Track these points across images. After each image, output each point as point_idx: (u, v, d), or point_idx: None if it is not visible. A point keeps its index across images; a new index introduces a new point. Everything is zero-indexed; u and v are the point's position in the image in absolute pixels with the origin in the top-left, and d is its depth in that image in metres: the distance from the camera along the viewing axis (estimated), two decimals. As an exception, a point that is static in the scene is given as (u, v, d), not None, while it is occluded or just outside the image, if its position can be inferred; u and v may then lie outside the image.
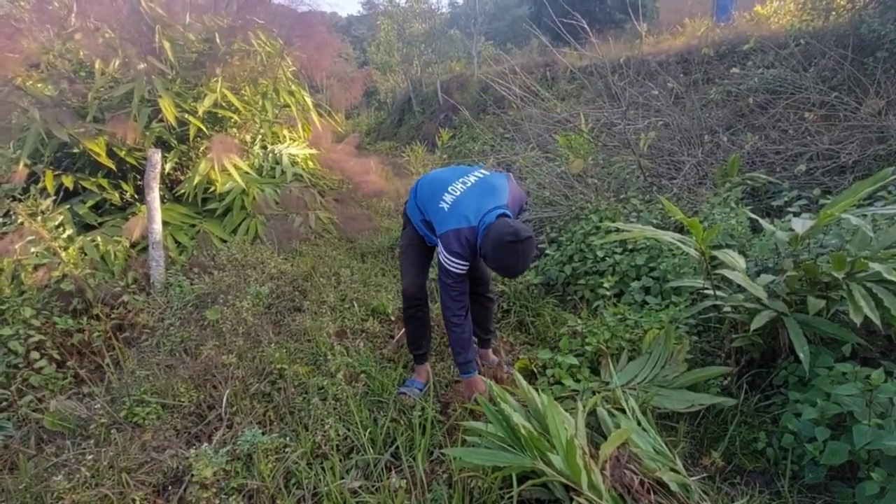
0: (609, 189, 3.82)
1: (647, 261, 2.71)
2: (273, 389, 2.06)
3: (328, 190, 5.30)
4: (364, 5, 38.50)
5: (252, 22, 4.75)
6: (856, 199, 1.79)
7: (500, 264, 1.72)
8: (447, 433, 1.83)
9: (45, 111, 3.62)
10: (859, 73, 4.67)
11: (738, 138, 4.36)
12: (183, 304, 3.00)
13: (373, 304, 2.85)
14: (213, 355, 2.33)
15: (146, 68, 3.94)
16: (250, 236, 3.96)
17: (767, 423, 1.87)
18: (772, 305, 1.82)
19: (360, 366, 2.14)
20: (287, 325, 2.63)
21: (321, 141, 5.71)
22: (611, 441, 1.50)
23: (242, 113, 4.51)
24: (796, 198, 3.00)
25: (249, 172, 4.33)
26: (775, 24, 6.96)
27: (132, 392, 2.12)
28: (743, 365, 2.04)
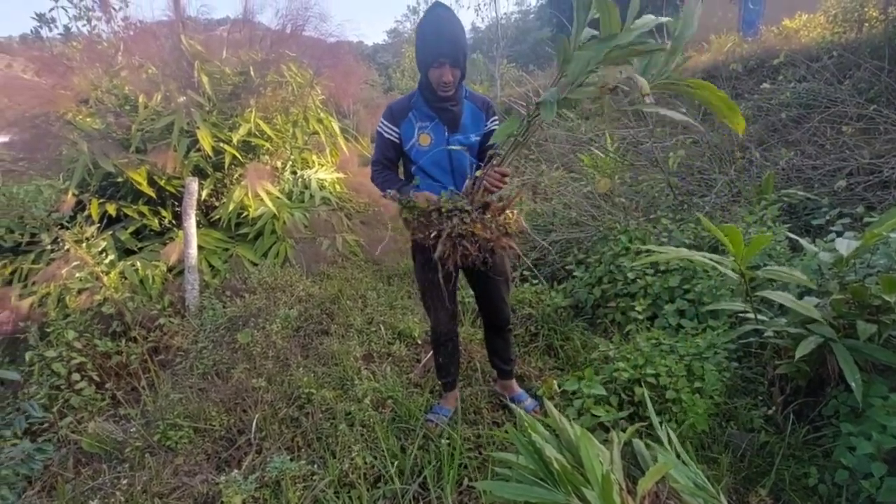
0: (638, 208, 3.75)
1: (680, 282, 2.62)
2: (301, 414, 2.07)
3: (355, 213, 5.39)
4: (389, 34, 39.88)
5: (284, 55, 4.98)
6: (906, 218, 1.70)
7: (419, 39, 1.64)
8: (478, 467, 1.78)
9: (93, 143, 3.85)
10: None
11: (772, 154, 4.23)
12: (215, 326, 3.07)
13: (399, 328, 2.85)
14: (244, 379, 2.37)
15: (186, 101, 4.16)
16: (280, 259, 4.05)
17: (819, 458, 1.75)
18: (818, 330, 1.72)
19: (387, 391, 2.13)
20: (315, 348, 2.65)
21: (348, 165, 5.84)
22: (649, 476, 1.42)
23: (274, 141, 4.68)
24: (838, 216, 2.87)
25: (280, 197, 4.46)
26: (805, 38, 6.82)
27: (166, 415, 2.17)
28: (789, 393, 1.92)
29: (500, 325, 2.11)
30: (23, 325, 3.02)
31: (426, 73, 1.67)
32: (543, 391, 2.12)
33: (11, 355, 3.23)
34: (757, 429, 1.88)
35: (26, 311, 3.27)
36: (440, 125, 1.76)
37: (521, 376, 2.45)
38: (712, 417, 1.93)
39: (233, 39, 5.18)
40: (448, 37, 1.62)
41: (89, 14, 5.70)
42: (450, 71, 1.65)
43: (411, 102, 1.77)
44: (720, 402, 1.97)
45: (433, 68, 1.65)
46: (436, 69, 1.65)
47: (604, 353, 2.27)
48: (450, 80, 1.66)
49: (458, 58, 1.65)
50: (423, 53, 1.65)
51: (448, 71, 1.64)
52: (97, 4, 5.46)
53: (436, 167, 1.80)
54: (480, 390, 2.27)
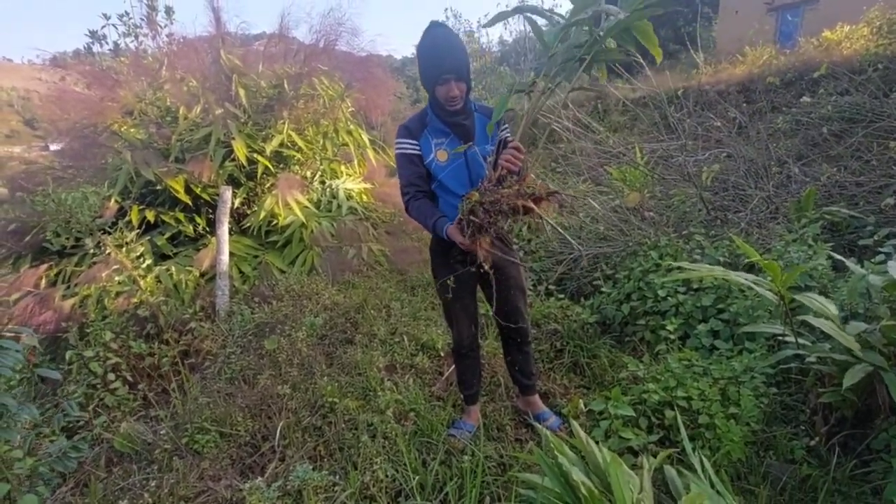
0: (668, 223, 3.65)
1: (714, 302, 2.52)
2: (324, 423, 2.07)
3: (381, 222, 5.45)
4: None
5: (317, 68, 5.12)
6: (965, 241, 1.59)
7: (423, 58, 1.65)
8: (501, 485, 1.74)
9: (136, 153, 4.04)
10: (953, 98, 4.27)
11: (812, 170, 4.07)
12: (243, 332, 3.13)
13: (422, 339, 2.84)
14: (269, 385, 2.40)
15: (223, 113, 4.31)
16: (307, 267, 4.12)
17: (867, 495, 1.64)
18: (867, 358, 1.62)
19: (410, 403, 2.12)
20: (339, 357, 2.67)
21: (375, 175, 5.92)
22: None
23: (305, 152, 4.79)
24: (887, 236, 2.72)
25: (309, 207, 4.55)
26: (847, 50, 6.57)
27: (194, 419, 2.21)
28: (833, 424, 1.81)
29: (518, 339, 2.06)
30: (64, 325, 3.16)
31: (433, 91, 1.71)
32: (569, 410, 2.07)
33: (53, 353, 3.38)
34: (798, 460, 1.77)
35: (68, 311, 3.42)
36: (455, 140, 1.79)
37: (545, 393, 2.40)
38: (749, 446, 1.83)
39: (268, 54, 5.37)
40: (448, 52, 1.65)
41: (137, 31, 6.03)
42: (455, 86, 1.68)
43: (426, 120, 1.79)
44: (758, 429, 1.87)
45: (439, 85, 1.68)
46: (442, 86, 1.68)
47: (632, 373, 2.19)
48: (457, 94, 1.69)
49: (461, 72, 1.68)
50: (428, 72, 1.67)
51: (454, 86, 1.67)
52: (144, 22, 5.78)
53: (455, 181, 1.81)
54: (503, 406, 2.23)
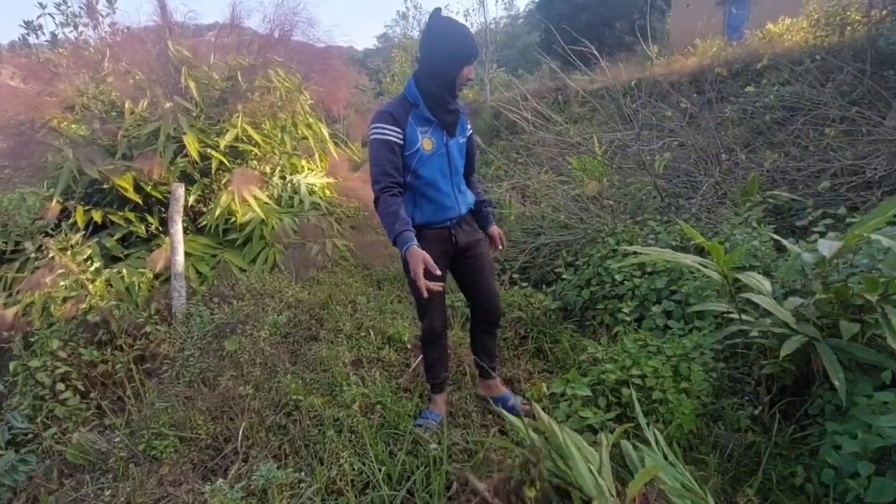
0: (625, 211, 3.78)
1: (667, 284, 2.64)
2: (289, 421, 2.05)
3: (345, 217, 5.38)
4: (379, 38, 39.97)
5: (272, 60, 4.97)
6: (885, 218, 1.73)
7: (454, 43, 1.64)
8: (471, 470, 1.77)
9: (78, 150, 3.81)
10: (880, 87, 4.59)
11: (757, 156, 4.30)
12: (202, 334, 3.04)
13: (389, 333, 2.83)
14: (231, 386, 2.34)
15: (172, 107, 4.13)
16: (269, 265, 4.02)
17: (805, 457, 1.76)
18: (802, 330, 1.74)
19: (376, 396, 2.12)
20: (303, 354, 2.63)
21: (338, 170, 5.83)
22: (638, 479, 1.42)
23: (262, 146, 4.66)
24: (821, 216, 2.91)
25: (268, 203, 4.43)
26: (788, 42, 6.94)
27: (151, 425, 2.13)
28: (775, 393, 1.94)
29: (493, 321, 2.11)
30: (6, 335, 2.97)
31: (456, 74, 1.67)
32: (532, 394, 2.12)
33: (-6, 366, 3.17)
34: (744, 429, 1.89)
35: (10, 320, 3.21)
36: (439, 129, 1.78)
37: (510, 379, 2.45)
38: (699, 418, 1.93)
39: (220, 44, 5.16)
40: (472, 36, 1.67)
41: (76, 20, 5.66)
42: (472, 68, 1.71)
43: (410, 108, 1.74)
44: (707, 402, 1.98)
45: (467, 66, 1.68)
46: (469, 67, 1.68)
47: (592, 355, 2.27)
48: (472, 76, 1.71)
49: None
50: (459, 55, 1.65)
51: (472, 68, 1.70)
52: (84, 11, 5.43)
53: (438, 172, 1.80)
54: (470, 393, 2.27)
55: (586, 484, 1.34)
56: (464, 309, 3.12)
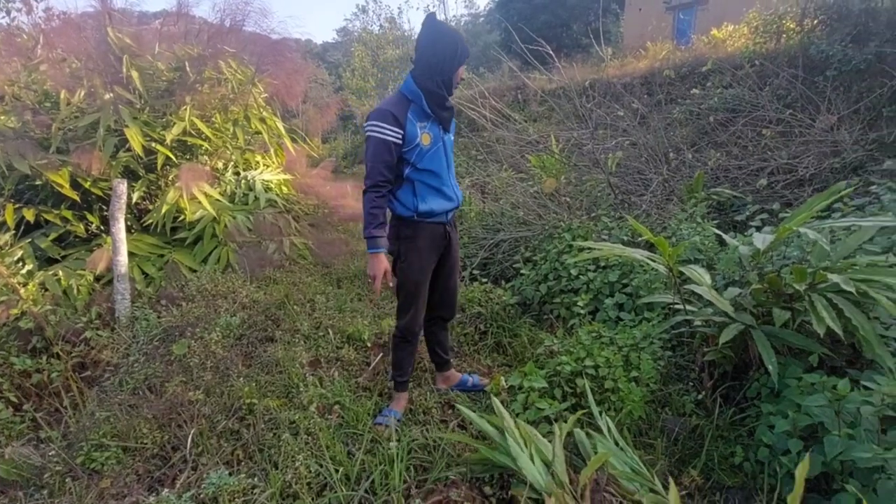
0: (581, 207, 3.89)
1: (619, 277, 2.74)
2: (242, 426, 1.98)
3: (303, 215, 5.25)
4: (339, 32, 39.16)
5: (223, 50, 4.76)
6: (812, 213, 1.86)
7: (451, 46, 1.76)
8: (426, 467, 1.77)
9: (7, 143, 3.51)
10: (811, 92, 4.94)
11: (702, 155, 4.53)
12: (149, 338, 2.88)
13: (348, 331, 2.79)
14: (179, 392, 2.23)
15: (113, 98, 3.88)
16: (221, 265, 3.86)
17: (744, 437, 1.88)
18: (739, 318, 1.85)
19: (334, 396, 2.08)
20: (258, 356, 2.55)
21: (296, 166, 5.68)
22: (590, 466, 1.47)
23: (213, 140, 4.46)
24: (758, 211, 3.11)
25: (220, 200, 4.26)
26: (731, 47, 7.33)
27: (90, 436, 2.01)
28: (717, 378, 2.05)
29: (450, 317, 2.23)
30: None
31: (454, 73, 1.81)
32: (492, 388, 2.15)
33: None
34: (689, 413, 1.99)
35: (-72, 329, 2.93)
36: (436, 124, 1.87)
37: (472, 374, 2.47)
38: (648, 404, 2.02)
39: (167, 33, 4.90)
40: (463, 39, 1.83)
41: (8, 6, 5.21)
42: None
43: (408, 104, 1.82)
44: (655, 389, 2.07)
45: (461, 66, 1.83)
46: (462, 67, 1.84)
47: (548, 348, 2.32)
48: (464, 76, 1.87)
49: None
50: (456, 55, 1.78)
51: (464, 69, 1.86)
52: (16, -6, 5.01)
53: (436, 164, 1.89)
54: (430, 390, 2.27)
55: (535, 478, 1.37)
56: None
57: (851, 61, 4.92)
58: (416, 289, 1.98)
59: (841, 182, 2.03)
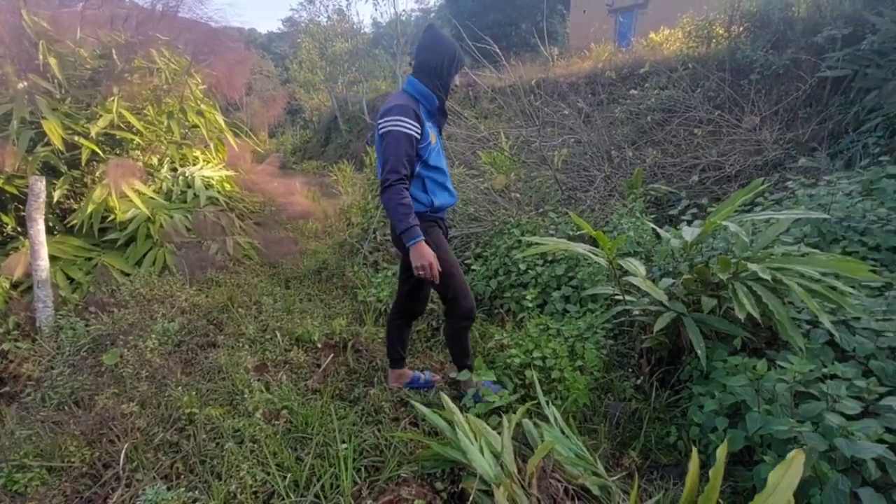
0: (530, 203, 3.98)
1: (566, 271, 2.84)
2: (181, 437, 1.88)
3: (249, 213, 5.03)
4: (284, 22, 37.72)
5: (154, 38, 4.46)
6: (734, 207, 2.01)
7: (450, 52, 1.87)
8: (377, 467, 1.76)
9: None
10: (737, 94, 5.31)
11: (641, 153, 4.76)
12: (76, 349, 2.67)
13: (297, 333, 2.71)
14: (111, 405, 2.09)
15: (27, 87, 3.54)
16: (158, 268, 3.63)
17: (678, 418, 2.01)
18: (672, 307, 1.97)
19: (282, 401, 2.02)
20: (200, 363, 2.43)
21: (239, 162, 5.43)
22: (536, 455, 1.52)
23: (145, 134, 4.17)
24: (689, 206, 3.31)
25: (155, 198, 4.00)
26: (667, 50, 7.75)
27: (11, 456, 1.84)
28: (653, 364, 2.18)
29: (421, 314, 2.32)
30: None
31: (450, 79, 1.91)
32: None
33: None
34: (629, 398, 2.10)
35: None
36: (436, 126, 1.99)
37: (423, 371, 2.47)
38: (592, 391, 2.12)
39: (91, 17, 4.51)
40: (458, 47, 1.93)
41: None
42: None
43: (418, 104, 1.88)
44: (599, 376, 2.17)
45: (457, 74, 1.93)
46: (457, 74, 1.93)
47: (499, 342, 2.38)
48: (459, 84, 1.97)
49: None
50: (455, 62, 1.89)
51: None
52: None
53: (442, 163, 2.01)
54: (382, 389, 2.25)
55: (484, 470, 1.40)
56: (376, 304, 3.09)
57: (772, 66, 5.33)
58: (458, 271, 2.02)
59: (759, 178, 2.20)
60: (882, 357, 1.76)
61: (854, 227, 2.56)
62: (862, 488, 1.38)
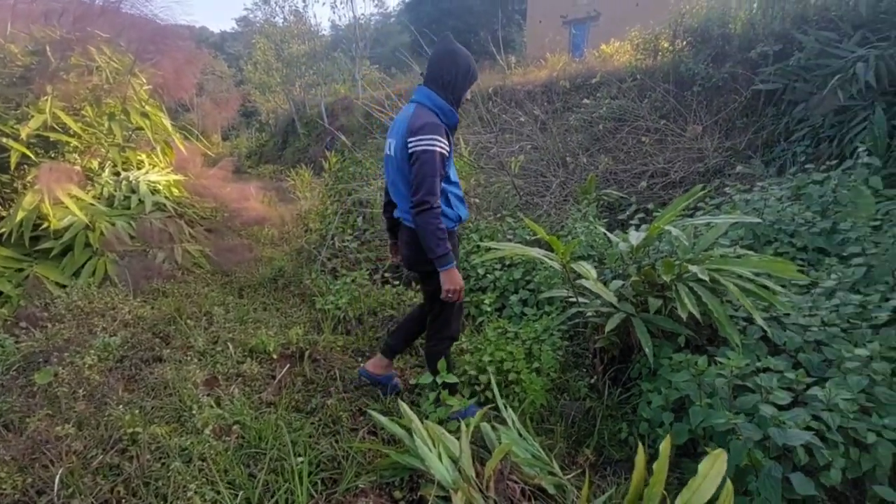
0: (489, 208, 4.05)
1: (523, 275, 2.90)
2: (123, 459, 1.76)
3: (199, 219, 4.82)
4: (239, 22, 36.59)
5: (94, 35, 4.21)
6: (677, 212, 2.12)
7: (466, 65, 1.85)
8: (334, 479, 1.73)
9: None
10: (680, 105, 5.62)
11: (594, 159, 4.95)
12: (4, 368, 2.46)
13: (251, 344, 2.62)
14: (44, 428, 1.93)
15: (-56, 84, 3.25)
16: (97, 278, 3.41)
17: (629, 414, 2.10)
18: (622, 308, 2.06)
19: (233, 416, 1.94)
20: (144, 379, 2.29)
21: (189, 165, 5.19)
22: (493, 458, 1.54)
23: (83, 137, 3.93)
24: (637, 210, 3.47)
25: (95, 204, 3.76)
26: (617, 62, 8.09)
27: (-78, 492, 1.66)
28: (606, 363, 2.26)
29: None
30: None
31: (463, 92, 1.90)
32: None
33: None
34: (583, 397, 2.17)
35: None
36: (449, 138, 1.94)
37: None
38: (549, 392, 2.17)
39: (22, 11, 4.20)
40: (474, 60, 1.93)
41: None
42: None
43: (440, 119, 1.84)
44: (555, 377, 2.23)
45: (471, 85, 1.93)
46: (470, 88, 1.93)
47: (458, 346, 2.39)
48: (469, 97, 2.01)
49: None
50: (470, 75, 1.88)
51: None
52: None
53: (457, 176, 2.01)
54: (340, 399, 2.21)
55: (442, 476, 1.40)
56: (335, 312, 3.03)
57: (712, 79, 5.68)
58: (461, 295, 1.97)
59: (699, 185, 2.34)
60: (809, 350, 1.91)
61: (784, 229, 2.77)
62: (793, 473, 1.49)
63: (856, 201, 2.81)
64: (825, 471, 1.48)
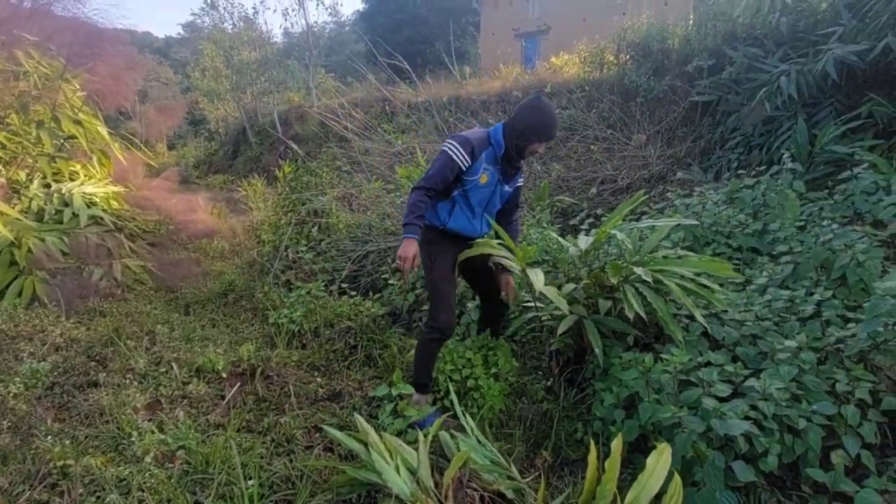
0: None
1: (480, 281, 2.92)
2: (52, 495, 1.62)
3: (141, 233, 4.55)
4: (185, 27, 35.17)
5: (20, 38, 3.93)
6: (621, 217, 2.21)
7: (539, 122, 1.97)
8: (289, 500, 1.66)
9: None
10: (626, 115, 5.91)
11: (548, 167, 5.10)
12: None
13: (198, 363, 2.49)
14: (-42, 467, 1.75)
15: None
16: (24, 299, 3.14)
17: (584, 414, 2.14)
18: (574, 310, 2.11)
19: (177, 441, 1.83)
20: (77, 406, 2.12)
21: (129, 176, 4.92)
22: (451, 467, 1.53)
23: (7, 146, 3.63)
24: (588, 216, 3.60)
25: (21, 218, 3.48)
26: (567, 73, 8.41)
27: None
28: (561, 365, 2.31)
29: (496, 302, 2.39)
30: None
31: (529, 143, 2.01)
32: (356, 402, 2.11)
33: None
34: (540, 399, 2.20)
35: None
36: (497, 174, 2.10)
37: (339, 392, 2.39)
38: (507, 396, 2.19)
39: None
40: (557, 123, 2.06)
41: None
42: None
43: (488, 146, 2.05)
44: (513, 381, 2.25)
45: (541, 143, 2.03)
46: (540, 144, 2.03)
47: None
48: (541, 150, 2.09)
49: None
50: (539, 132, 1.99)
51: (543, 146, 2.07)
52: None
53: (479, 200, 2.12)
54: (294, 416, 2.14)
55: (400, 489, 1.38)
56: (289, 326, 2.94)
57: (653, 90, 6.01)
58: (446, 288, 2.11)
59: (642, 190, 2.46)
60: (745, 344, 2.03)
61: (721, 231, 2.95)
62: (735, 462, 1.57)
63: (783, 204, 3.05)
64: (763, 457, 1.57)
